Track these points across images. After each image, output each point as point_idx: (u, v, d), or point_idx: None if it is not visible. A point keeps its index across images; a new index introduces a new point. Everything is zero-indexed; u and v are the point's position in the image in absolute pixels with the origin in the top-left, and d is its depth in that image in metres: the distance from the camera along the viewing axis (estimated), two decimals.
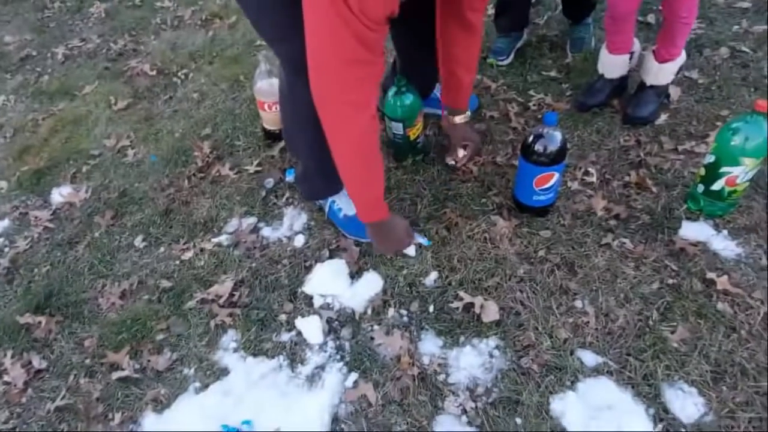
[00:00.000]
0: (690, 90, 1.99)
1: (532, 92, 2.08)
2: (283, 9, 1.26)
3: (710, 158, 1.49)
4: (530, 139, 1.48)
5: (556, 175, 1.51)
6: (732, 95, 1.95)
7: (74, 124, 2.31)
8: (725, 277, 1.42)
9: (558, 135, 1.46)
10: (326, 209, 1.70)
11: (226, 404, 1.36)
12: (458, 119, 1.71)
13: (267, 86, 1.91)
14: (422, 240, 1.60)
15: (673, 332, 1.34)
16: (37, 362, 1.50)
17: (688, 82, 2.02)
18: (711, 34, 2.22)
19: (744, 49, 2.12)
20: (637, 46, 1.93)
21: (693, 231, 1.55)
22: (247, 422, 1.31)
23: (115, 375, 1.43)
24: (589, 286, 1.47)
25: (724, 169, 1.47)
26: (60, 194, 1.98)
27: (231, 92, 2.34)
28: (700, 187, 1.55)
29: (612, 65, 1.90)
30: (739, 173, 1.45)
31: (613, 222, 1.60)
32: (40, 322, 1.57)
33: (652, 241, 1.55)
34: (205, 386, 1.40)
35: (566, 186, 1.71)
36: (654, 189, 1.67)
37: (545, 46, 2.30)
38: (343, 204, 1.65)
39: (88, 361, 1.49)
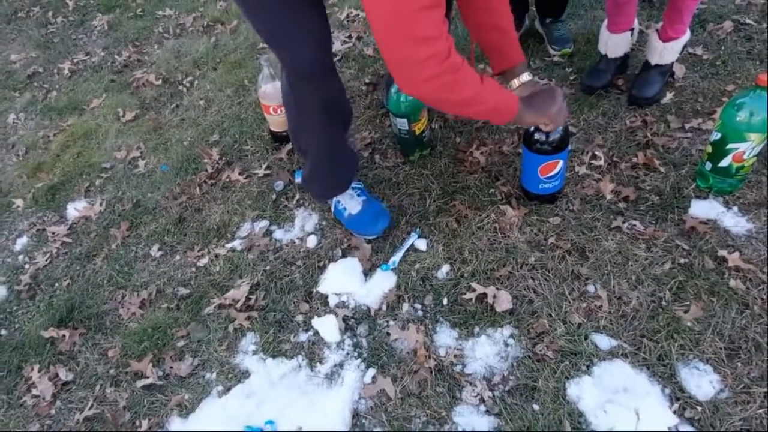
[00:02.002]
0: (694, 66, 1.97)
1: (536, 78, 2.06)
2: (283, 16, 1.27)
3: (716, 135, 1.49)
4: (531, 128, 1.49)
5: (561, 163, 1.52)
6: (737, 69, 1.93)
7: (85, 139, 2.35)
8: (737, 253, 1.41)
9: None
10: (332, 209, 1.73)
11: (248, 406, 1.39)
12: (526, 76, 1.48)
13: (271, 90, 1.93)
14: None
15: (686, 311, 1.35)
16: (64, 374, 1.54)
17: (693, 58, 2.00)
18: (714, 8, 2.19)
19: (748, 21, 2.10)
20: (635, 21, 1.91)
21: (703, 209, 1.55)
22: (270, 422, 1.34)
23: (140, 383, 1.47)
24: (601, 270, 1.47)
25: (730, 146, 1.46)
26: (75, 209, 2.02)
27: (236, 97, 2.37)
28: (708, 165, 1.55)
29: (614, 44, 1.89)
30: (746, 149, 1.45)
31: (622, 204, 1.61)
32: (64, 336, 1.62)
33: (662, 221, 1.55)
34: (228, 389, 1.43)
35: (574, 171, 1.72)
36: (662, 169, 1.67)
37: None
38: (347, 203, 1.67)
39: (112, 370, 1.53)
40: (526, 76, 1.47)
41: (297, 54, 1.32)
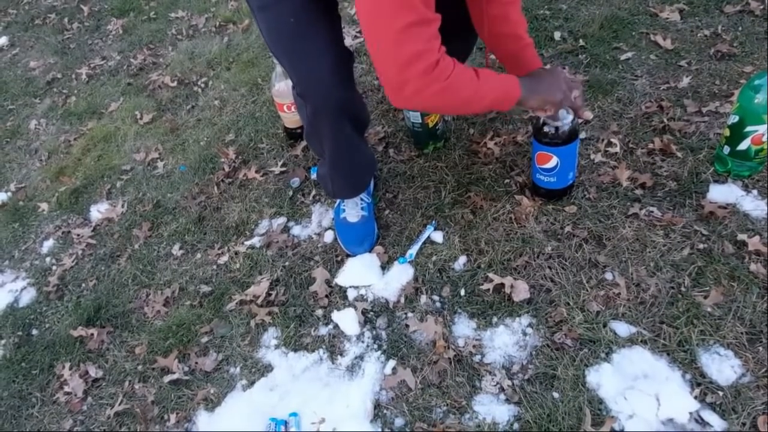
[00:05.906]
0: (710, 48, 1.95)
1: (548, 67, 2.05)
2: (294, 39, 1.31)
3: (734, 118, 1.47)
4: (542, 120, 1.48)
5: (554, 158, 1.49)
6: (755, 50, 1.90)
7: (104, 142, 2.40)
8: (757, 237, 1.40)
9: (567, 115, 1.44)
10: (335, 204, 1.75)
11: (272, 399, 1.42)
12: None
13: (284, 88, 1.95)
14: None
15: (706, 297, 1.34)
16: (94, 372, 1.59)
17: (708, 40, 1.97)
18: None
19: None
20: None
21: (721, 193, 1.53)
22: (293, 414, 1.37)
23: (167, 378, 1.51)
24: (619, 257, 1.47)
25: (748, 129, 1.44)
26: (98, 211, 2.07)
27: (250, 96, 2.39)
28: (726, 149, 1.53)
29: None
30: (765, 131, 1.43)
31: (639, 191, 1.60)
32: (92, 334, 1.67)
33: (680, 207, 1.54)
34: (252, 383, 1.46)
35: (589, 159, 1.71)
36: (679, 154, 1.66)
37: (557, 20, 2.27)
38: (348, 209, 1.66)
39: (140, 367, 1.57)
40: None
41: (307, 80, 1.34)
